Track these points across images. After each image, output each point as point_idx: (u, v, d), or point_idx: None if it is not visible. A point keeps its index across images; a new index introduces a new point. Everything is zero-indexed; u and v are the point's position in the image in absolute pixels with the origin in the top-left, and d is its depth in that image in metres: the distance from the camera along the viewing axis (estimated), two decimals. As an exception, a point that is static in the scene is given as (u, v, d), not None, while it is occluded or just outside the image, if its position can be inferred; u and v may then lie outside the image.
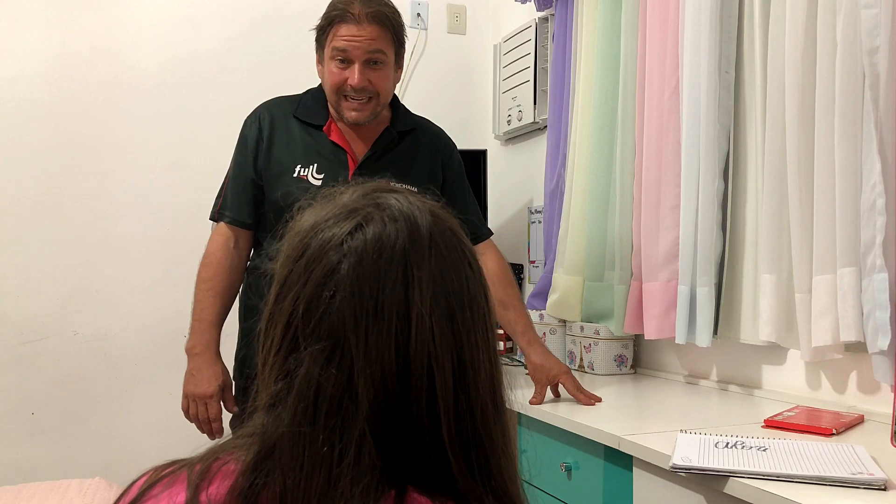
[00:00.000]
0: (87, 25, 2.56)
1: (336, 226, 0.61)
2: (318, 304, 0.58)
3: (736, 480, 1.10)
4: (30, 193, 2.48)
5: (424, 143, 1.87)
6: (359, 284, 0.58)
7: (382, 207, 0.62)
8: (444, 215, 0.64)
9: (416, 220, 0.61)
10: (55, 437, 2.47)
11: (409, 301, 0.57)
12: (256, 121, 1.81)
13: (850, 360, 1.58)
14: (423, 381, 0.57)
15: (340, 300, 0.58)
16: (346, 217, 0.62)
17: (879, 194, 1.40)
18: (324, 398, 0.57)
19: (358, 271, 0.58)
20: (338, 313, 0.58)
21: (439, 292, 0.59)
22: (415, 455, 0.58)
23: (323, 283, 0.59)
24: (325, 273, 0.59)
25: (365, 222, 0.61)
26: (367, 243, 0.59)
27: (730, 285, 1.81)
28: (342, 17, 1.68)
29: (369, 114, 1.74)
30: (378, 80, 1.71)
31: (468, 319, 0.60)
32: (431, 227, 0.61)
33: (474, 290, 0.62)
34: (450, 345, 0.58)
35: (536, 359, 1.77)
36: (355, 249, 0.59)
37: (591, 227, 2.20)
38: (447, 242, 0.61)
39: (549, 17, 2.63)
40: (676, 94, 1.90)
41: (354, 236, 0.60)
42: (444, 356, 0.58)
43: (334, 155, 1.76)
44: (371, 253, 0.59)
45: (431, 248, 0.60)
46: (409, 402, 0.57)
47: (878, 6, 1.38)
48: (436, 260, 0.59)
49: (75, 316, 2.51)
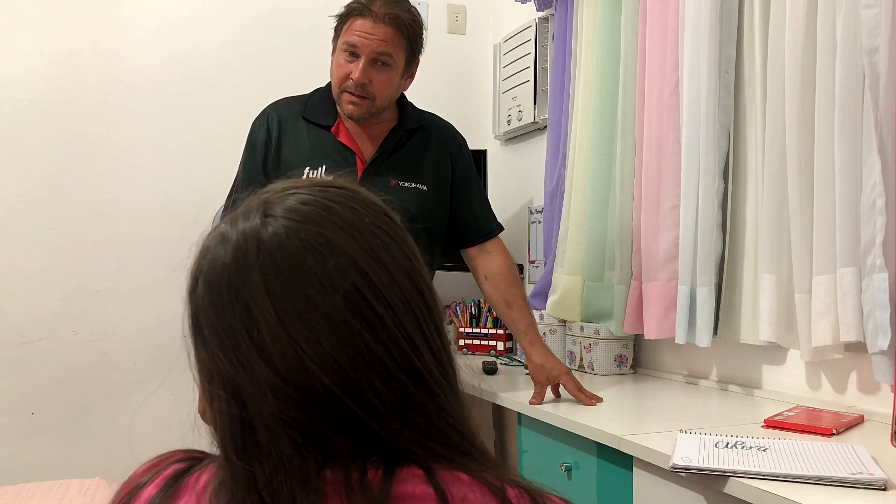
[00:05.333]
0: (88, 26, 2.56)
1: (194, 269, 0.64)
2: (201, 352, 0.62)
3: (736, 480, 1.10)
4: (30, 193, 2.48)
5: (434, 139, 1.87)
6: (210, 323, 0.60)
7: (221, 237, 0.63)
8: (293, 207, 0.63)
9: (244, 235, 0.61)
10: (55, 437, 2.47)
11: (254, 320, 0.58)
12: (265, 122, 1.81)
13: (850, 360, 1.58)
14: (313, 382, 0.57)
15: (207, 340, 0.61)
16: (201, 256, 0.64)
17: (879, 194, 1.40)
18: (237, 436, 0.58)
19: (206, 311, 0.61)
20: (211, 354, 0.60)
21: (280, 299, 0.58)
22: (361, 440, 0.58)
23: (194, 329, 0.62)
24: (194, 320, 0.62)
25: (204, 261, 0.63)
26: (205, 285, 0.62)
27: (730, 285, 1.81)
28: (361, 11, 1.68)
29: (364, 111, 1.74)
30: (380, 82, 1.71)
31: (334, 310, 0.59)
32: (260, 238, 0.60)
33: (331, 281, 0.60)
34: (317, 341, 0.58)
35: (537, 359, 1.77)
36: (200, 291, 0.62)
37: (591, 227, 2.20)
38: (282, 246, 0.60)
39: (549, 17, 2.63)
40: (676, 94, 1.90)
41: (199, 280, 0.62)
42: (319, 353, 0.57)
43: (342, 156, 1.76)
44: (207, 292, 0.61)
45: (260, 263, 0.59)
46: (318, 402, 0.57)
47: (878, 6, 1.38)
48: (266, 270, 0.59)
49: (75, 316, 2.51)
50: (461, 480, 0.59)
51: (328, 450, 0.57)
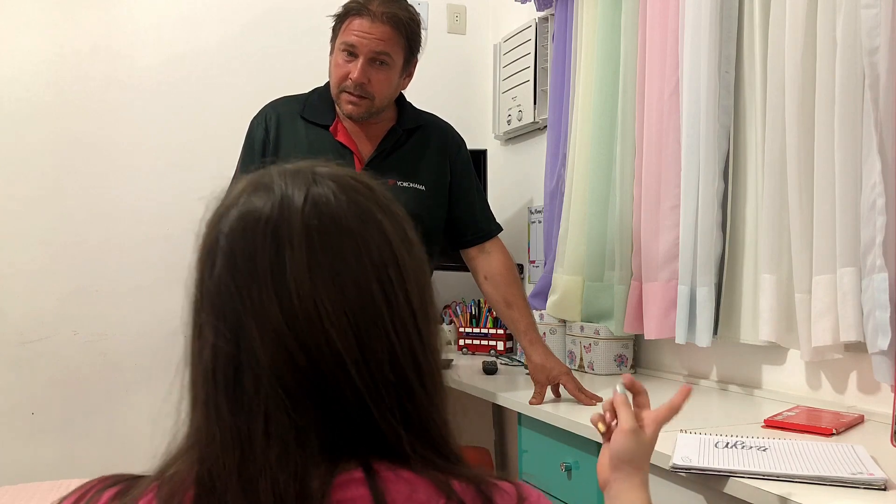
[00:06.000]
0: (87, 25, 2.55)
1: (219, 209, 0.65)
2: (204, 280, 0.62)
3: (736, 480, 1.10)
4: (30, 193, 2.48)
5: (432, 139, 1.87)
6: (233, 254, 0.60)
7: (259, 186, 0.64)
8: (340, 175, 0.65)
9: (288, 191, 0.62)
10: (55, 437, 2.47)
11: (283, 262, 0.58)
12: (263, 121, 1.81)
13: (850, 360, 1.58)
14: (319, 339, 0.58)
15: (219, 270, 0.60)
16: (230, 202, 0.65)
17: (879, 194, 1.40)
18: (220, 371, 0.58)
19: (230, 241, 0.61)
20: (218, 283, 0.60)
21: (317, 249, 0.59)
22: (339, 415, 0.59)
23: (206, 260, 0.62)
24: (209, 250, 0.62)
25: (238, 202, 0.63)
26: (238, 218, 0.62)
27: (730, 285, 1.81)
28: (358, 11, 1.68)
29: (363, 111, 1.74)
30: (378, 81, 1.71)
31: (363, 275, 0.60)
32: (309, 192, 0.62)
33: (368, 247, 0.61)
34: (341, 301, 0.58)
35: (537, 359, 1.77)
36: (229, 224, 0.62)
37: (591, 227, 2.20)
38: (329, 204, 0.62)
39: (549, 17, 2.63)
40: (676, 94, 1.90)
41: (229, 213, 0.63)
42: (337, 313, 0.58)
43: (341, 155, 1.76)
44: (240, 226, 0.61)
45: (305, 211, 0.60)
46: (314, 362, 0.58)
47: (878, 6, 1.38)
48: (310, 218, 0.60)
49: (75, 316, 2.51)
50: (405, 479, 0.58)
51: (300, 421, 0.57)
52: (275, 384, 0.57)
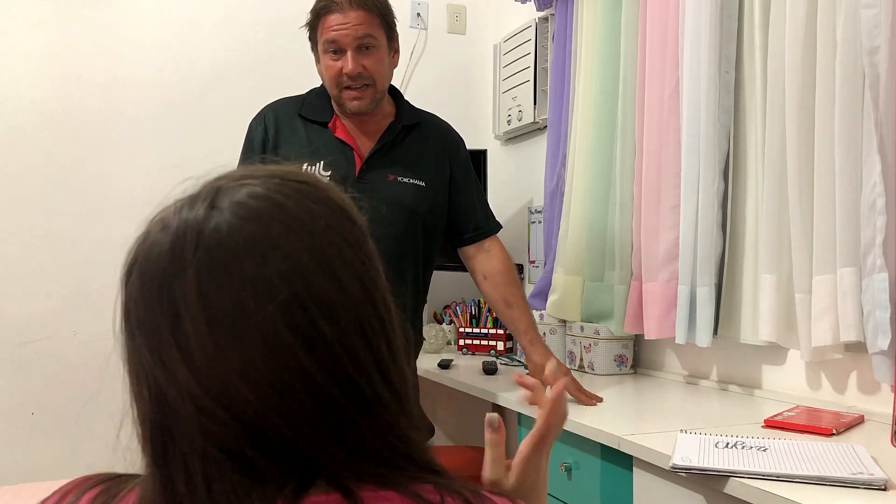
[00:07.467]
0: (87, 25, 2.56)
1: (128, 259, 0.61)
2: (126, 345, 0.59)
3: (736, 480, 1.10)
4: (30, 193, 2.48)
5: (431, 136, 1.87)
6: (140, 322, 0.57)
7: (159, 225, 0.60)
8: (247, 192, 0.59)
9: (180, 231, 0.57)
10: (55, 437, 2.47)
11: (183, 332, 0.54)
12: (262, 122, 1.82)
13: (850, 360, 1.58)
14: (240, 402, 0.53)
15: (137, 340, 0.57)
16: (136, 250, 0.61)
17: (879, 194, 1.40)
18: (154, 430, 0.56)
19: (136, 309, 0.58)
20: (137, 351, 0.57)
21: (214, 305, 0.54)
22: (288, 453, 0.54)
23: (124, 323, 0.59)
24: (124, 311, 0.59)
25: (140, 252, 0.59)
26: (138, 279, 0.58)
27: (730, 285, 1.81)
28: (327, 8, 1.69)
29: (370, 101, 1.74)
30: (372, 65, 1.71)
31: (266, 321, 0.54)
32: (202, 231, 0.56)
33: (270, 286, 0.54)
34: (252, 364, 0.53)
35: (537, 358, 1.77)
36: (133, 288, 0.59)
37: (591, 227, 2.20)
38: (221, 245, 0.55)
39: (549, 17, 2.63)
40: (676, 94, 1.90)
41: (132, 272, 0.59)
42: (249, 377, 0.53)
43: (340, 151, 1.76)
44: (141, 291, 0.57)
45: (198, 259, 0.55)
46: (242, 419, 0.53)
47: (878, 6, 1.38)
48: (202, 272, 0.55)
49: (75, 316, 2.51)
50: (390, 500, 0.54)
51: (248, 471, 0.53)
52: (208, 446, 0.53)
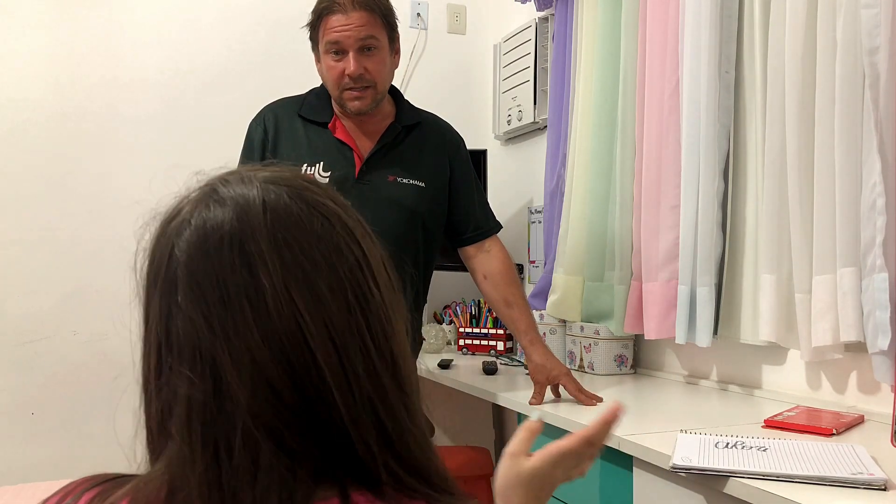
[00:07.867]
0: (87, 25, 2.56)
1: (168, 227, 0.59)
2: (170, 318, 0.55)
3: (736, 480, 1.10)
4: (30, 193, 2.48)
5: (431, 136, 1.87)
6: (196, 281, 0.54)
7: (206, 196, 0.58)
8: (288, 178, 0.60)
9: (241, 200, 0.57)
10: (55, 437, 2.47)
11: (258, 282, 0.53)
12: (261, 122, 1.82)
13: (850, 360, 1.58)
14: (305, 360, 0.53)
15: (184, 302, 0.54)
16: (172, 219, 0.59)
17: (879, 194, 1.40)
18: (196, 411, 0.53)
19: (190, 266, 0.55)
20: (186, 318, 0.54)
21: (289, 261, 0.54)
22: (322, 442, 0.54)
23: (163, 290, 0.56)
24: (164, 278, 0.56)
25: (192, 217, 0.57)
26: (196, 237, 0.56)
27: (730, 285, 1.81)
28: (329, 9, 1.69)
29: (370, 102, 1.74)
30: (374, 66, 1.72)
31: (337, 280, 0.55)
32: (264, 199, 0.57)
33: (339, 248, 0.57)
34: (321, 313, 0.54)
35: (537, 358, 1.77)
36: (185, 245, 0.56)
37: (591, 227, 2.20)
38: (288, 209, 0.56)
39: (549, 17, 2.63)
40: (676, 94, 1.90)
41: (182, 232, 0.57)
42: (318, 327, 0.53)
43: (340, 152, 1.76)
44: (200, 247, 0.55)
45: (268, 220, 0.55)
46: (300, 390, 0.53)
47: (878, 6, 1.38)
48: (276, 229, 0.55)
49: (75, 316, 2.51)
50: None
51: (289, 453, 0.52)
52: (250, 421, 0.52)
